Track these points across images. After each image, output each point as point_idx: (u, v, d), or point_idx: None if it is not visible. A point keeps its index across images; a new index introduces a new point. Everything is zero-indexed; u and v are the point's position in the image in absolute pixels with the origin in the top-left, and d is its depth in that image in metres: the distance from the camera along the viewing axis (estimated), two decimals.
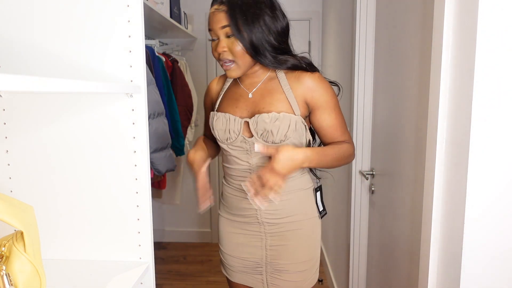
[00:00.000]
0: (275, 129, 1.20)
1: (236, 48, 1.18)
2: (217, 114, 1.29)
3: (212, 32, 1.21)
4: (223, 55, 1.20)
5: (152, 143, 2.01)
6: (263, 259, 1.35)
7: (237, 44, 1.18)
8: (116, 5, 0.98)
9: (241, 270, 1.39)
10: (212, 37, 1.21)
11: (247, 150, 1.27)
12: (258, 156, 1.26)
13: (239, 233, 1.37)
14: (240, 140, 1.26)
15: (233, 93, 1.32)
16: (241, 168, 1.30)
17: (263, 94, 1.26)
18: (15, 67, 1.01)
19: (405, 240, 1.36)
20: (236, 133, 1.25)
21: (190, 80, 2.97)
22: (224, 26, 1.17)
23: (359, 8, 1.81)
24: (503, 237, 0.87)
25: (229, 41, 1.19)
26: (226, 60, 1.21)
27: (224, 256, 1.42)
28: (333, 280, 2.57)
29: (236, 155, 1.29)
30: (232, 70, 1.23)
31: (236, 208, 1.35)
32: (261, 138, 1.23)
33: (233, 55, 1.20)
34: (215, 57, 1.24)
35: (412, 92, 1.29)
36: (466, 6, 0.84)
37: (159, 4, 2.28)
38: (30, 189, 1.06)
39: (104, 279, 0.98)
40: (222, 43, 1.19)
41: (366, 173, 1.82)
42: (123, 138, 1.02)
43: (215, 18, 1.18)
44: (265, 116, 1.21)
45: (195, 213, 3.53)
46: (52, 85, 0.60)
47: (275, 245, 1.33)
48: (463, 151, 0.86)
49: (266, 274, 1.36)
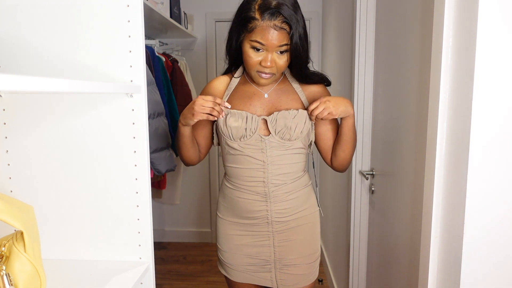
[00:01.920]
0: (294, 125, 1.25)
1: (283, 64, 1.22)
2: (231, 112, 1.26)
3: (262, 46, 1.17)
4: (271, 69, 1.21)
5: (152, 143, 2.01)
6: (272, 256, 1.36)
7: (285, 60, 1.21)
8: (116, 5, 0.98)
9: (245, 270, 1.38)
10: (258, 48, 1.18)
11: (262, 149, 1.27)
12: (273, 154, 1.27)
13: (243, 234, 1.36)
14: (255, 139, 1.26)
15: (245, 92, 1.32)
16: (254, 167, 1.28)
17: (278, 94, 1.31)
18: (15, 67, 1.01)
19: (405, 240, 1.36)
20: (253, 131, 1.25)
21: (190, 80, 2.97)
22: (283, 45, 1.17)
23: (359, 8, 1.81)
24: (503, 237, 0.87)
25: (279, 57, 1.20)
26: (269, 73, 1.22)
27: (224, 255, 1.41)
28: (333, 280, 2.57)
29: (249, 153, 1.27)
30: (268, 80, 1.25)
31: (245, 211, 1.33)
32: (278, 136, 1.26)
33: (276, 69, 1.22)
34: (252, 67, 1.22)
35: (412, 92, 1.29)
36: (466, 6, 0.84)
37: (159, 4, 2.28)
38: (30, 189, 1.06)
39: (104, 279, 0.98)
40: (273, 58, 1.19)
41: (366, 173, 1.82)
42: (123, 138, 1.02)
43: (274, 35, 1.15)
44: (286, 113, 1.25)
45: (195, 213, 3.53)
46: (52, 85, 0.60)
47: (282, 242, 1.35)
48: (463, 151, 0.86)
49: (275, 271, 1.36)
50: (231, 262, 1.39)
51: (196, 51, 3.27)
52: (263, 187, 1.29)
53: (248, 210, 1.32)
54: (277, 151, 1.27)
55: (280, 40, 1.16)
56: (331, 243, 2.72)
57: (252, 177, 1.29)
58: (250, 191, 1.30)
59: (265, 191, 1.29)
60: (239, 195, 1.33)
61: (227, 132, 1.27)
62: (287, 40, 1.17)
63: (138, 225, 1.06)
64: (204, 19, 3.23)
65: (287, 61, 1.22)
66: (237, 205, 1.34)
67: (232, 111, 1.27)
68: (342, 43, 2.27)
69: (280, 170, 1.28)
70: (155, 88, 2.10)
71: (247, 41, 1.19)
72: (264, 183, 1.29)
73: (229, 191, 1.36)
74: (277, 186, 1.29)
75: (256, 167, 1.28)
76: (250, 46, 1.19)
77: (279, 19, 1.14)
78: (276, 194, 1.30)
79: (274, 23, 1.14)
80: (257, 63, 1.20)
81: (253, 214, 1.32)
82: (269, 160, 1.27)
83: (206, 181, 3.47)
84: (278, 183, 1.29)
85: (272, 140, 1.26)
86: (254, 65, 1.21)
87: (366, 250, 1.97)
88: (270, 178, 1.28)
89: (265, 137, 1.26)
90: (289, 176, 1.30)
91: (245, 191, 1.31)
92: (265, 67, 1.20)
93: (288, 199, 1.31)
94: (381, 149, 1.70)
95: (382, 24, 1.68)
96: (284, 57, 1.20)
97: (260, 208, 1.31)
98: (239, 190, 1.33)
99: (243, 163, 1.29)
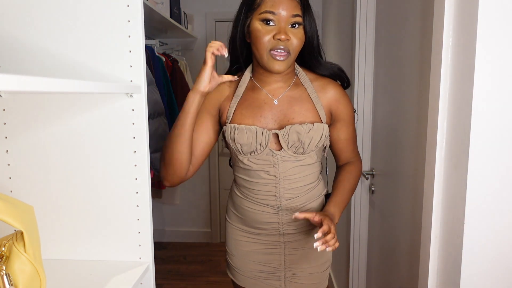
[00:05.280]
0: (307, 140, 1.15)
1: (299, 40, 1.10)
2: (239, 128, 1.16)
3: (273, 16, 1.07)
4: (286, 43, 1.08)
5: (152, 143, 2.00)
6: (282, 264, 1.30)
7: (301, 36, 1.10)
8: (116, 5, 0.98)
9: (253, 276, 1.32)
10: (270, 20, 1.07)
11: (274, 163, 1.18)
12: (285, 169, 1.19)
13: (254, 241, 1.30)
14: (266, 153, 1.17)
15: (253, 100, 1.20)
16: (266, 183, 1.20)
17: (291, 102, 1.19)
18: (15, 67, 1.01)
19: (405, 240, 1.36)
20: (264, 146, 1.16)
21: (190, 80, 2.97)
22: (296, 15, 1.08)
23: (359, 8, 1.81)
24: (503, 237, 0.87)
25: (293, 32, 1.09)
26: (285, 49, 1.09)
27: (232, 259, 1.35)
28: (333, 280, 2.57)
29: (259, 169, 1.19)
30: (283, 63, 1.10)
31: (255, 222, 1.26)
32: (290, 150, 1.17)
33: (291, 46, 1.09)
34: (264, 45, 1.09)
35: (412, 92, 1.29)
36: (466, 6, 0.84)
37: (159, 4, 2.28)
38: (30, 189, 1.06)
39: (104, 279, 0.98)
40: (286, 30, 1.08)
41: (366, 173, 1.82)
42: (123, 138, 1.02)
43: (285, 3, 1.07)
44: (299, 128, 1.14)
45: (195, 213, 3.53)
46: (52, 85, 0.60)
47: (294, 250, 1.29)
48: (463, 151, 0.86)
49: (284, 280, 1.30)
50: (240, 268, 1.34)
51: (196, 51, 3.27)
52: (275, 200, 1.22)
53: (259, 221, 1.25)
54: (289, 165, 1.19)
55: (292, 8, 1.07)
56: None
57: (264, 191, 1.22)
58: (261, 204, 1.23)
59: (277, 204, 1.22)
60: (249, 206, 1.25)
61: (236, 148, 1.19)
62: (299, 11, 1.09)
63: (138, 225, 1.06)
64: (204, 19, 3.23)
65: (302, 39, 1.11)
66: (247, 215, 1.27)
67: (240, 127, 1.16)
68: (342, 43, 2.27)
69: (292, 184, 1.21)
70: (155, 88, 2.10)
71: (256, 18, 1.10)
72: (276, 197, 1.22)
73: (238, 200, 1.28)
74: (289, 200, 1.22)
75: (268, 182, 1.20)
76: (259, 21, 1.09)
77: None
78: (289, 207, 1.23)
79: None
80: (270, 39, 1.08)
81: (264, 226, 1.26)
82: (281, 175, 1.19)
83: (206, 181, 3.47)
84: (290, 196, 1.22)
85: (284, 155, 1.17)
86: (267, 42, 1.08)
87: (366, 250, 1.97)
88: (282, 192, 1.21)
89: (276, 152, 1.17)
90: (302, 189, 1.23)
91: (256, 203, 1.24)
92: (280, 39, 1.07)
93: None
94: (381, 149, 1.70)
95: (382, 24, 1.68)
96: (298, 32, 1.10)
97: (271, 220, 1.24)
98: (249, 201, 1.25)
99: (254, 177, 1.21)
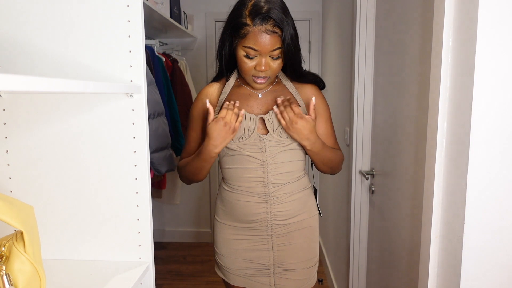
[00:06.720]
0: None
1: (277, 67, 1.23)
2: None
3: (255, 52, 1.18)
4: (265, 73, 1.22)
5: (152, 143, 2.01)
6: (271, 261, 1.34)
7: (279, 63, 1.23)
8: (116, 5, 0.98)
9: (243, 274, 1.37)
10: (252, 55, 1.19)
11: (261, 148, 1.27)
12: (272, 153, 1.27)
13: (242, 239, 1.35)
14: (254, 138, 1.27)
15: (240, 94, 1.32)
16: (254, 167, 1.28)
17: (273, 95, 1.32)
18: (15, 67, 1.01)
19: (405, 240, 1.36)
20: (251, 130, 1.26)
21: (190, 80, 2.97)
22: (275, 49, 1.18)
23: (359, 8, 1.81)
24: (503, 237, 0.87)
25: (272, 60, 1.21)
26: (264, 77, 1.24)
27: (221, 259, 1.40)
28: (333, 280, 2.57)
29: (248, 153, 1.28)
30: (264, 84, 1.27)
31: (244, 215, 1.32)
32: (276, 133, 1.26)
33: (271, 72, 1.23)
34: (247, 72, 1.23)
35: (412, 92, 1.29)
36: (466, 6, 0.84)
37: (159, 4, 2.28)
38: (30, 189, 1.06)
39: (104, 279, 0.98)
40: (267, 62, 1.20)
41: (366, 173, 1.82)
42: (123, 138, 1.02)
43: (266, 39, 1.16)
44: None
45: (195, 213, 3.53)
46: (52, 85, 0.60)
47: (282, 246, 1.33)
48: (463, 151, 0.86)
49: (274, 276, 1.35)
50: (229, 266, 1.38)
51: (196, 51, 3.27)
52: (263, 187, 1.28)
53: (247, 213, 1.31)
54: (276, 150, 1.27)
55: (273, 44, 1.17)
56: (331, 243, 2.72)
57: (252, 177, 1.28)
58: (250, 193, 1.29)
59: (265, 192, 1.28)
60: (238, 198, 1.31)
61: None
62: (279, 43, 1.18)
63: (138, 225, 1.06)
64: (204, 19, 3.23)
65: (281, 64, 1.24)
66: (236, 209, 1.33)
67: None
68: (342, 43, 2.27)
69: (280, 169, 1.28)
70: (155, 88, 2.10)
71: (241, 47, 1.20)
72: (264, 183, 1.28)
73: (227, 194, 1.34)
74: (277, 187, 1.28)
75: (256, 166, 1.27)
76: (244, 53, 1.20)
77: (270, 23, 1.15)
78: (276, 195, 1.29)
79: (265, 27, 1.15)
80: (252, 68, 1.22)
81: (253, 217, 1.31)
82: (269, 159, 1.27)
83: (206, 181, 3.47)
84: (278, 183, 1.28)
85: (270, 139, 1.27)
86: (249, 71, 1.22)
87: (366, 250, 1.97)
88: (270, 177, 1.28)
89: (263, 136, 1.27)
90: (289, 175, 1.30)
91: (245, 193, 1.30)
92: (260, 71, 1.21)
93: (288, 200, 1.30)
94: (381, 149, 1.70)
95: (382, 24, 1.68)
96: (277, 60, 1.22)
97: (260, 210, 1.30)
98: (238, 193, 1.31)
99: (242, 163, 1.29)
